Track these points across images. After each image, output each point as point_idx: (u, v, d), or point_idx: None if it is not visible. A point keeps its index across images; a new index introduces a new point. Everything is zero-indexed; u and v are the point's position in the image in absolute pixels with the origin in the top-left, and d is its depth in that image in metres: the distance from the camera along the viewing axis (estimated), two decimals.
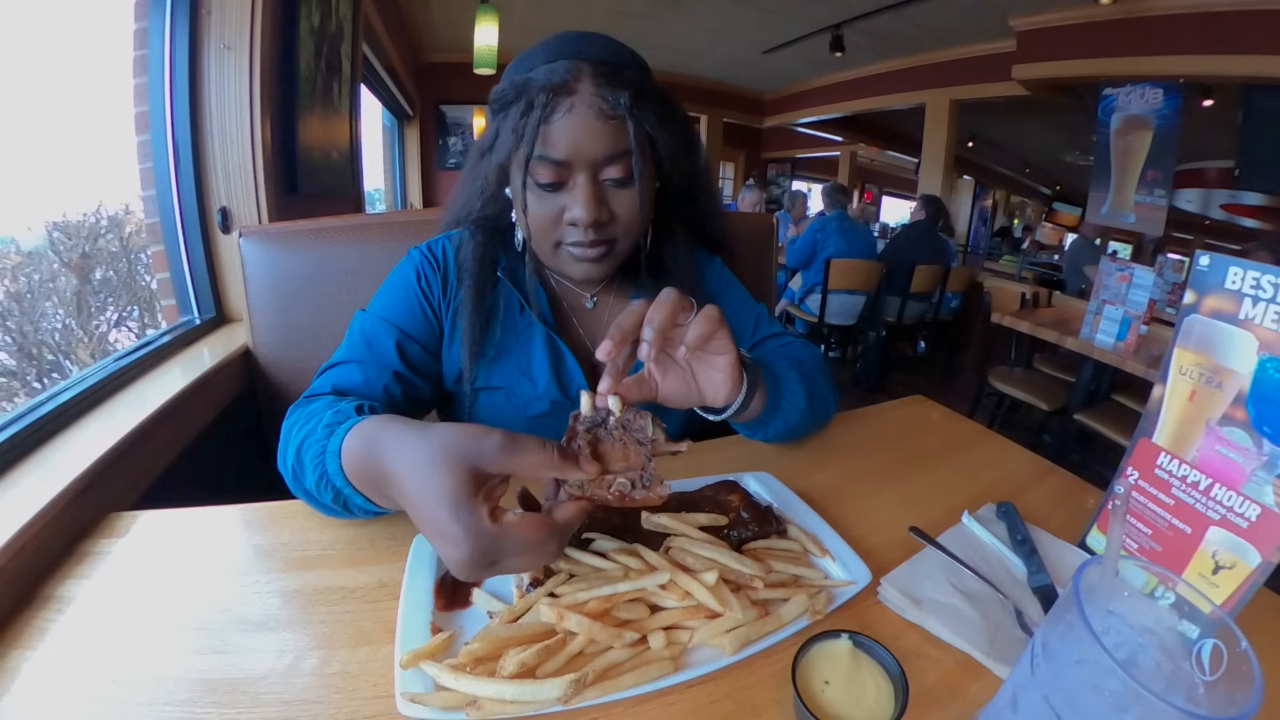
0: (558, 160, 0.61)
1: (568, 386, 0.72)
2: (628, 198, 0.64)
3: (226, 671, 0.41)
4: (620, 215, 0.65)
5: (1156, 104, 3.83)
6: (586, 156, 0.60)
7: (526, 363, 0.72)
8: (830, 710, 0.37)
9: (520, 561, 0.40)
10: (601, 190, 0.63)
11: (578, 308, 0.78)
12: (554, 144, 0.60)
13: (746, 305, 0.83)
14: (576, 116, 0.59)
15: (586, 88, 0.60)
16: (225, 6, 1.24)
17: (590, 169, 0.61)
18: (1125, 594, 0.33)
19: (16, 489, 0.58)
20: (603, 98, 0.60)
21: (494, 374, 0.72)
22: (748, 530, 0.54)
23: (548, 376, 0.71)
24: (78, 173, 1.81)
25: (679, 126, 0.68)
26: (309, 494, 0.53)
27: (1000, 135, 7.48)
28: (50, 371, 1.70)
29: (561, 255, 0.67)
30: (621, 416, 0.44)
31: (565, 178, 0.62)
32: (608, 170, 0.62)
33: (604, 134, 0.60)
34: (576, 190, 0.62)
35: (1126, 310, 2.13)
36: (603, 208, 0.63)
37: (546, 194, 0.63)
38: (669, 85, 0.68)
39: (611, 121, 0.60)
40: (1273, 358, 0.43)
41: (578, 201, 0.62)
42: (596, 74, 0.60)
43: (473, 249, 0.72)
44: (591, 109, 0.59)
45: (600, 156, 0.61)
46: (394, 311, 0.70)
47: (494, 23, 3.14)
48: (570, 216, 0.63)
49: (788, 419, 0.66)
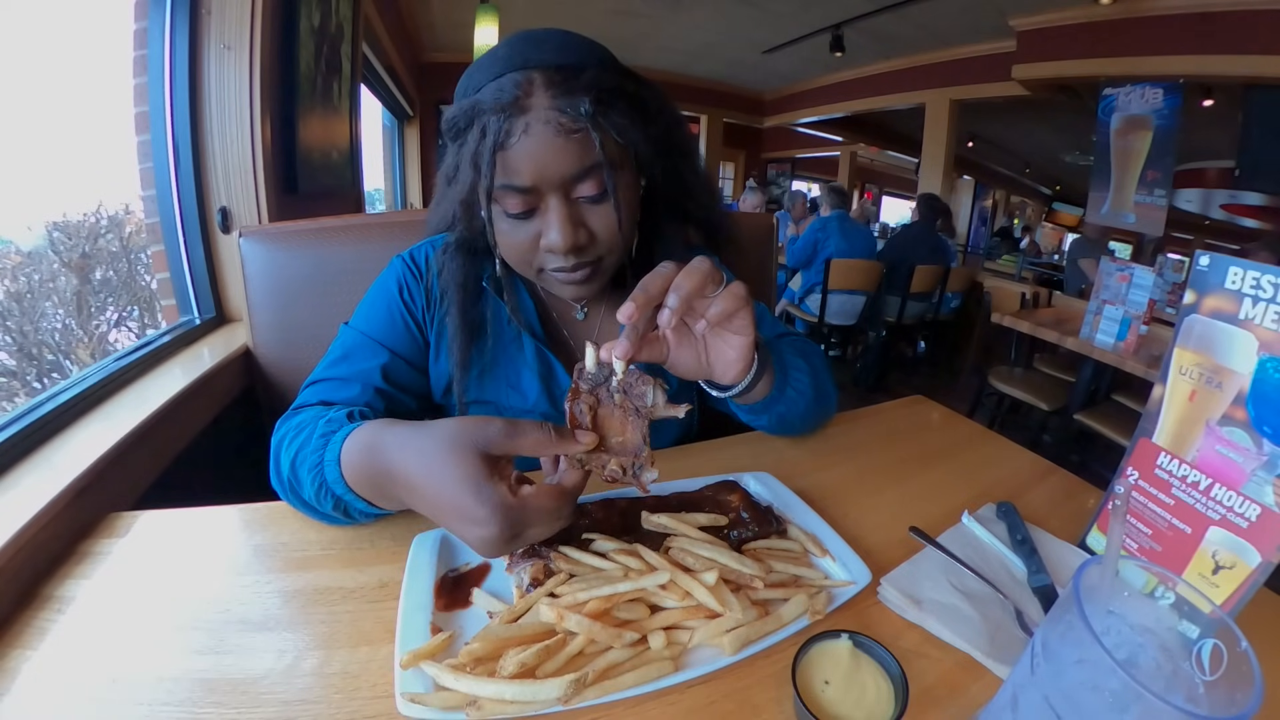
0: (522, 187, 0.55)
1: (558, 399, 0.70)
2: (605, 214, 0.59)
3: (226, 671, 0.41)
4: (600, 233, 0.60)
5: (1156, 104, 3.83)
6: (553, 178, 0.55)
7: (516, 376, 0.70)
8: (830, 710, 0.37)
9: (542, 529, 0.42)
10: (576, 210, 0.58)
11: (568, 318, 0.75)
12: (515, 170, 0.55)
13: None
14: (534, 137, 0.53)
15: (540, 102, 0.54)
16: (225, 6, 1.24)
17: (560, 190, 0.56)
18: (1125, 594, 0.33)
19: (16, 489, 0.58)
20: (560, 110, 0.53)
21: (484, 387, 0.70)
22: (748, 530, 0.54)
23: (538, 390, 0.70)
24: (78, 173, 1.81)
25: (658, 120, 0.62)
26: (307, 504, 0.53)
27: (1000, 135, 7.48)
28: (50, 371, 1.70)
29: (546, 279, 0.64)
30: (624, 380, 0.44)
31: (535, 203, 0.57)
32: (579, 188, 0.57)
33: (568, 150, 0.54)
34: (549, 215, 0.57)
35: (1126, 310, 2.13)
36: (580, 230, 0.58)
37: (519, 222, 0.59)
38: (667, 85, 0.66)
39: (574, 135, 0.54)
40: (1273, 358, 0.43)
41: (552, 226, 0.57)
42: (549, 84, 0.54)
43: (454, 271, 0.67)
44: (549, 125, 0.53)
45: (568, 175, 0.55)
46: (376, 327, 0.68)
47: (494, 23, 3.14)
48: (546, 244, 0.58)
49: (792, 406, 0.64)
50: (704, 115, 7.38)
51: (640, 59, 6.37)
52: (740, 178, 8.58)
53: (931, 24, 4.68)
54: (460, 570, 0.51)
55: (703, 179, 0.74)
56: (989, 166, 8.99)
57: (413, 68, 5.08)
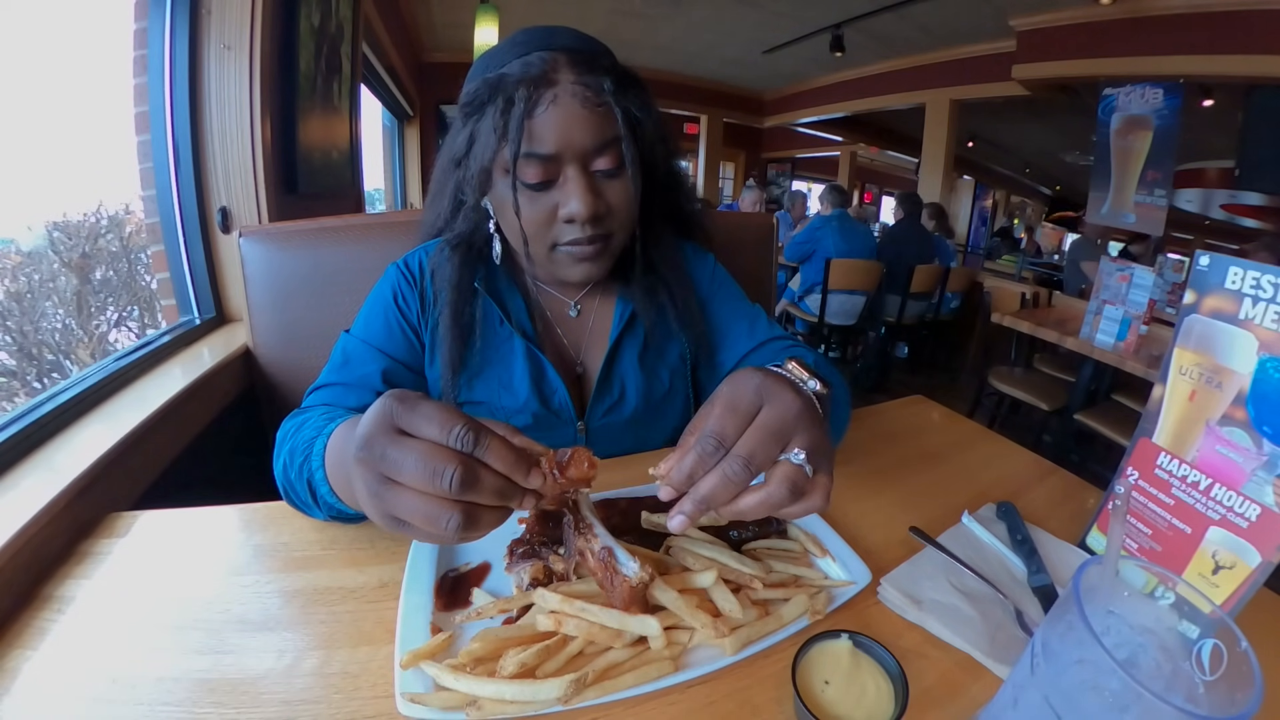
0: (546, 155, 0.58)
1: (549, 398, 0.71)
2: (621, 188, 0.62)
3: (226, 671, 0.41)
4: (616, 207, 0.62)
5: (1156, 104, 3.83)
6: (576, 148, 0.58)
7: (507, 376, 0.70)
8: (830, 710, 0.37)
9: (412, 496, 0.34)
10: (595, 182, 0.61)
11: (561, 317, 0.75)
12: (541, 138, 0.57)
13: (743, 306, 0.80)
14: (561, 107, 0.57)
15: (567, 77, 0.58)
16: (225, 6, 1.24)
17: (580, 161, 0.59)
18: (1125, 594, 0.33)
19: (16, 489, 0.58)
20: (585, 85, 0.57)
21: (476, 388, 0.70)
22: (748, 530, 0.54)
23: (528, 389, 0.70)
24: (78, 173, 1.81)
25: (657, 114, 0.66)
26: (303, 501, 0.53)
27: (1000, 135, 7.48)
28: (50, 371, 1.70)
29: (557, 258, 0.65)
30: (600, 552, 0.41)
31: (554, 174, 0.60)
32: (598, 161, 0.60)
33: (591, 122, 0.58)
34: (569, 185, 0.59)
35: (1126, 310, 2.13)
36: (599, 200, 0.61)
37: (536, 194, 0.60)
38: (668, 85, 0.68)
39: (598, 109, 0.58)
40: (1273, 358, 0.43)
41: (572, 195, 0.59)
42: (574, 63, 0.58)
43: (448, 272, 0.69)
44: (576, 98, 0.57)
45: (590, 146, 0.59)
46: (373, 333, 0.69)
47: (494, 23, 3.14)
48: (566, 213, 0.60)
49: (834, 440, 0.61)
50: (704, 115, 7.37)
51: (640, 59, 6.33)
52: (740, 178, 8.58)
53: (931, 24, 4.68)
54: (460, 570, 0.51)
55: (686, 178, 0.79)
56: (989, 166, 8.99)
57: (413, 68, 5.08)
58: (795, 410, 0.39)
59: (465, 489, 0.34)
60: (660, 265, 0.74)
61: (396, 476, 0.34)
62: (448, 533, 0.34)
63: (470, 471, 0.34)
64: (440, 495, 0.34)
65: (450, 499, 0.34)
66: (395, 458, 0.34)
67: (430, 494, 0.34)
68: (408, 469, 0.34)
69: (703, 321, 0.77)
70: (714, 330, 0.79)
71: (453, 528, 0.34)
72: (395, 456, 0.34)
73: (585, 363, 0.75)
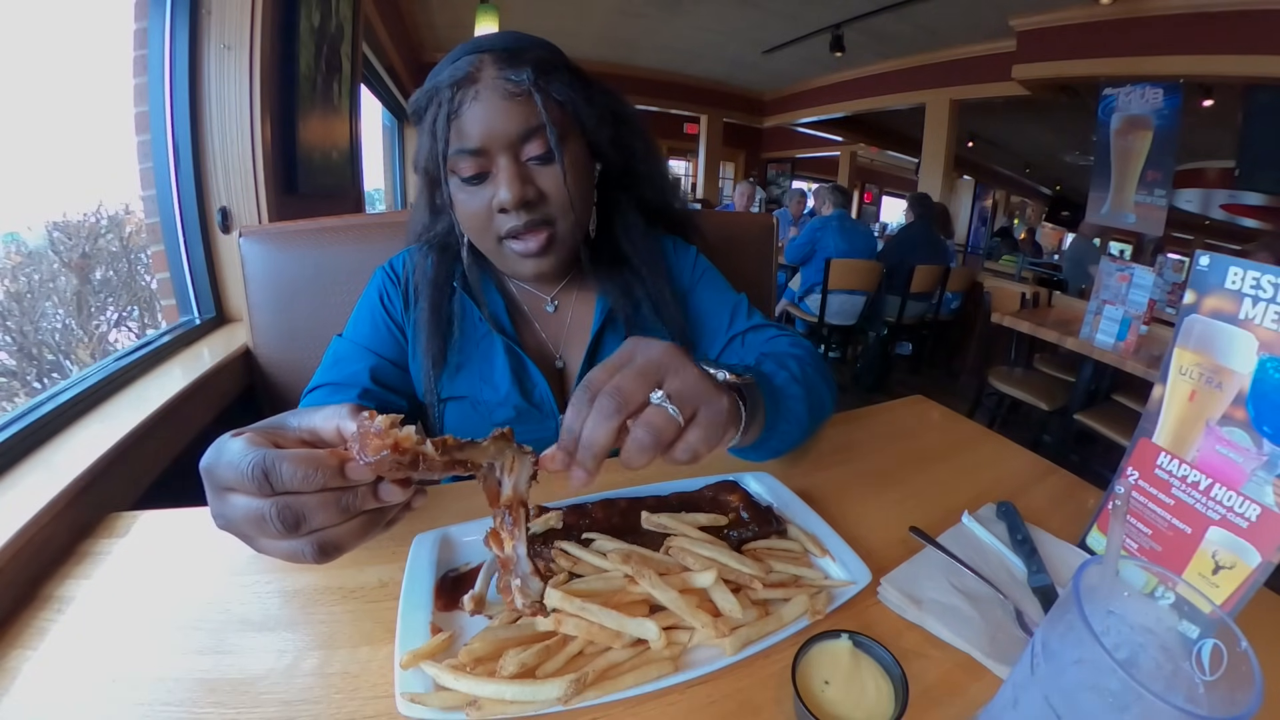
0: (474, 149, 0.61)
1: (530, 392, 0.72)
2: (553, 174, 0.63)
3: (226, 671, 0.41)
4: (550, 193, 0.64)
5: (1156, 104, 3.83)
6: (500, 139, 0.61)
7: (488, 371, 0.72)
8: (830, 710, 0.37)
9: (265, 544, 0.34)
10: (525, 170, 0.63)
11: (539, 312, 0.77)
12: (467, 134, 0.61)
13: (724, 296, 0.80)
14: (482, 101, 0.60)
15: (489, 74, 0.61)
16: (225, 6, 1.24)
17: (508, 150, 0.61)
18: (1125, 594, 0.33)
19: (16, 489, 0.58)
20: (505, 79, 0.60)
21: (457, 383, 0.72)
22: (748, 530, 0.54)
23: (509, 383, 0.71)
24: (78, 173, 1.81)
25: (600, 96, 0.68)
26: None
27: (1000, 135, 7.48)
28: (50, 371, 1.70)
29: (506, 255, 0.67)
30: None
31: (487, 167, 0.62)
32: (526, 149, 0.62)
33: (513, 112, 0.60)
34: (499, 174, 0.62)
35: (1126, 310, 2.13)
36: (528, 186, 0.62)
37: (474, 188, 0.63)
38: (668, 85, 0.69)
39: (518, 99, 0.60)
40: (1273, 358, 0.43)
41: (501, 184, 0.62)
42: (497, 60, 0.61)
43: (426, 269, 0.72)
44: (496, 91, 0.60)
45: (514, 135, 0.61)
46: (361, 333, 0.72)
47: (494, 23, 3.15)
48: (498, 201, 0.62)
49: (785, 439, 0.59)
50: (704, 115, 7.38)
51: (640, 59, 6.37)
52: (740, 178, 8.58)
53: (931, 24, 4.68)
54: (460, 570, 0.51)
55: (661, 170, 0.80)
56: (989, 166, 8.99)
57: (413, 68, 5.07)
58: (661, 352, 0.40)
59: (293, 527, 0.32)
60: (633, 258, 0.75)
61: (239, 532, 0.34)
62: (322, 560, 0.34)
63: (287, 508, 0.32)
64: (281, 536, 0.33)
65: (291, 536, 0.33)
66: (227, 515, 0.34)
67: (274, 537, 0.33)
68: (242, 526, 0.34)
69: (682, 315, 0.77)
70: (695, 322, 0.79)
71: (315, 557, 0.34)
72: (226, 514, 0.34)
73: (565, 357, 0.77)
